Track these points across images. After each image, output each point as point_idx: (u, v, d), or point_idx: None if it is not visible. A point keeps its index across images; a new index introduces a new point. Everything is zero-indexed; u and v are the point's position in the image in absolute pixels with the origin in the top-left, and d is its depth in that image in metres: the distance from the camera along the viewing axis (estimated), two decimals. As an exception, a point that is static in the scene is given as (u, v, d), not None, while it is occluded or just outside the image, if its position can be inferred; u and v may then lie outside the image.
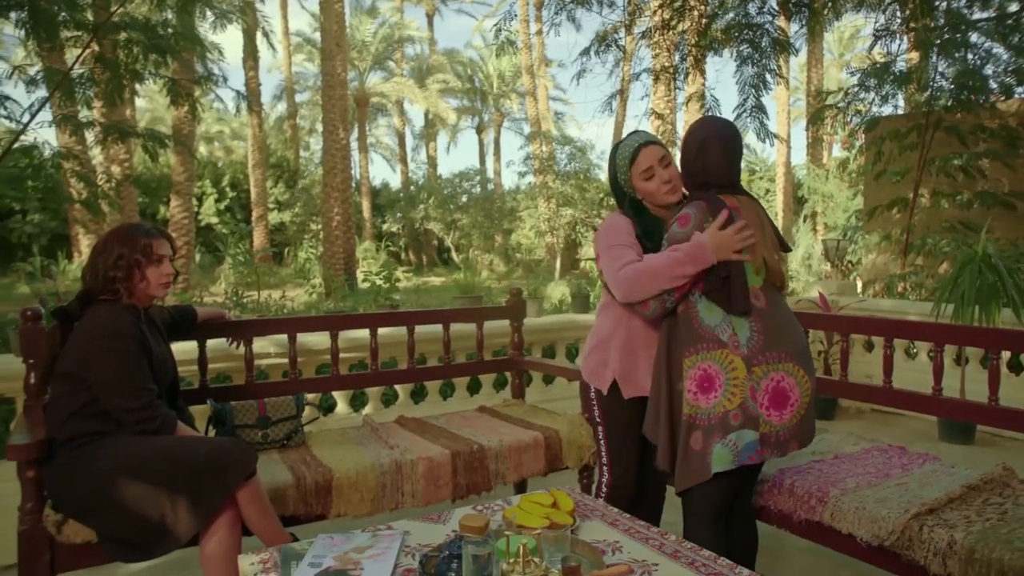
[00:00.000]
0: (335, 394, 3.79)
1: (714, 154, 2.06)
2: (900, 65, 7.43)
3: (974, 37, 6.73)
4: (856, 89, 7.48)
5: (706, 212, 2.00)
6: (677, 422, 2.04)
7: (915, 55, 7.62)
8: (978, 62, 6.69)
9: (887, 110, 7.82)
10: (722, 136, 2.08)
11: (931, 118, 6.91)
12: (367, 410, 3.75)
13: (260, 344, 3.29)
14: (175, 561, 2.78)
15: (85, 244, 14.10)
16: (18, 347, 2.63)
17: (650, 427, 2.18)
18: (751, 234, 1.99)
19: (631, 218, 2.23)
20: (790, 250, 2.19)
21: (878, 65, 7.20)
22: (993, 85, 6.80)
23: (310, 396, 3.26)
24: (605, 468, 2.40)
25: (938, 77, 6.87)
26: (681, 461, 2.02)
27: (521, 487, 3.00)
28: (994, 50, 6.76)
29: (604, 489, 2.39)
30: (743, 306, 1.98)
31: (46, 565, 2.07)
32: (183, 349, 2.85)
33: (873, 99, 7.46)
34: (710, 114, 2.46)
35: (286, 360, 3.15)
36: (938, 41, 6.64)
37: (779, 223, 16.84)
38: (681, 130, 11.31)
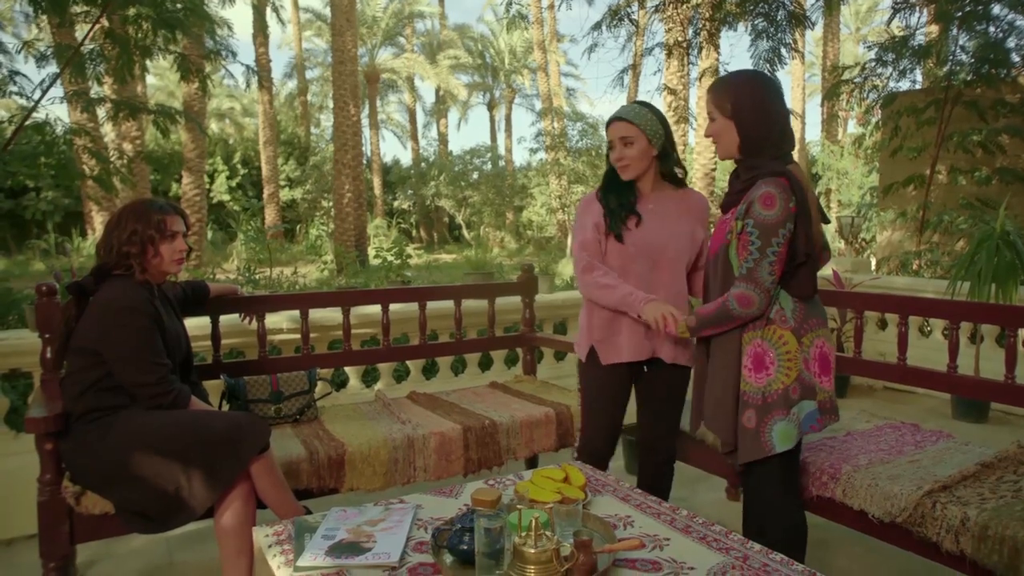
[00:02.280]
0: (347, 370, 3.81)
1: (784, 115, 1.97)
2: (919, 39, 7.30)
3: (996, 9, 6.58)
4: (873, 64, 7.36)
5: (790, 193, 1.88)
6: (734, 397, 1.98)
7: (935, 28, 7.47)
8: (1000, 35, 6.56)
9: (904, 85, 7.70)
10: (780, 93, 1.98)
11: (950, 93, 6.79)
12: (379, 386, 3.77)
13: (273, 320, 3.30)
14: (191, 533, 2.83)
15: (99, 221, 14.17)
16: (34, 322, 2.65)
17: (695, 413, 2.15)
18: (669, 325, 2.09)
19: (603, 185, 2.36)
20: (828, 222, 2.13)
21: (896, 39, 7.07)
22: (1015, 58, 6.66)
23: (322, 371, 3.28)
24: (578, 432, 2.43)
25: (958, 50, 6.74)
26: (738, 438, 2.00)
27: (532, 462, 3.02)
28: (1017, 22, 6.62)
29: (576, 451, 2.43)
30: (811, 291, 1.96)
31: (65, 535, 2.11)
32: (196, 325, 2.86)
33: (891, 74, 7.34)
34: (748, 70, 2.28)
35: (298, 336, 3.17)
36: (959, 13, 6.50)
37: (793, 200, 16.69)
38: (695, 106, 11.18)
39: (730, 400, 1.97)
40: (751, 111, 1.93)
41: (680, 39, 8.30)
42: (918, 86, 7.91)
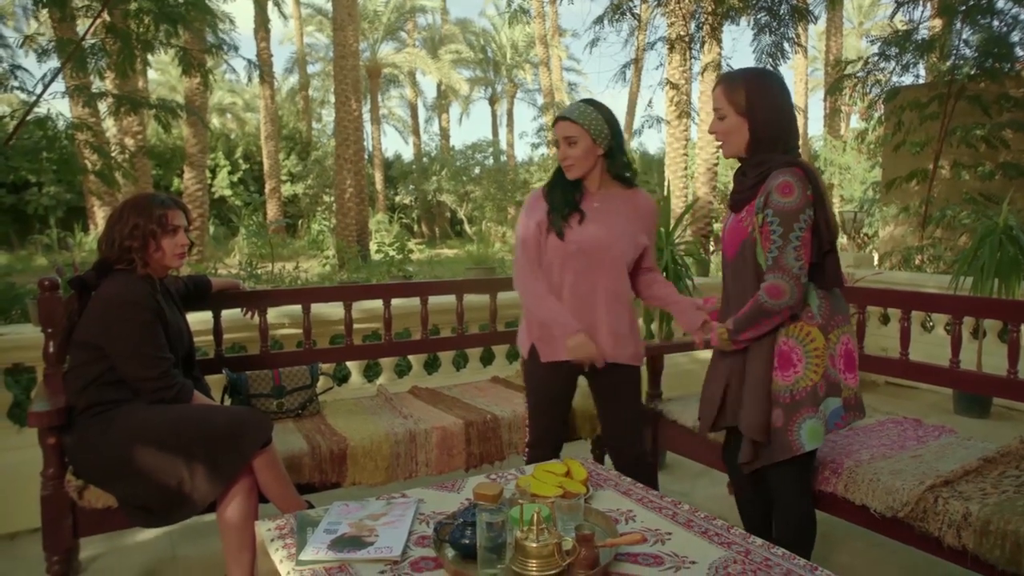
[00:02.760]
0: (349, 364, 3.81)
1: (792, 112, 1.97)
2: (922, 33, 7.27)
3: (1000, 2, 6.57)
4: (876, 58, 7.34)
5: (806, 181, 1.87)
6: (767, 396, 1.96)
7: (938, 22, 7.44)
8: (1004, 28, 6.53)
9: (908, 79, 7.68)
10: (788, 90, 1.99)
11: (953, 87, 6.76)
12: (381, 380, 3.77)
13: (274, 315, 3.30)
14: (194, 527, 2.83)
15: (101, 216, 14.17)
16: (36, 316, 2.66)
17: (706, 413, 2.13)
18: (585, 358, 2.20)
19: (550, 182, 2.34)
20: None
21: (899, 33, 7.04)
22: (1019, 52, 6.64)
23: (324, 366, 3.28)
24: (527, 428, 2.43)
25: (962, 45, 6.71)
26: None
27: (534, 457, 3.01)
28: (1021, 16, 6.59)
29: (526, 450, 2.43)
30: (839, 280, 1.95)
31: (69, 529, 2.11)
32: (198, 319, 2.86)
33: (894, 68, 7.32)
34: (750, 67, 2.24)
35: (300, 330, 3.17)
36: (962, 7, 6.47)
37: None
38: (697, 101, 11.16)
39: (763, 399, 1.95)
40: (765, 110, 1.92)
41: (682, 33, 8.27)
42: (921, 81, 7.89)
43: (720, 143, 2.04)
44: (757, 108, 1.92)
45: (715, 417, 2.10)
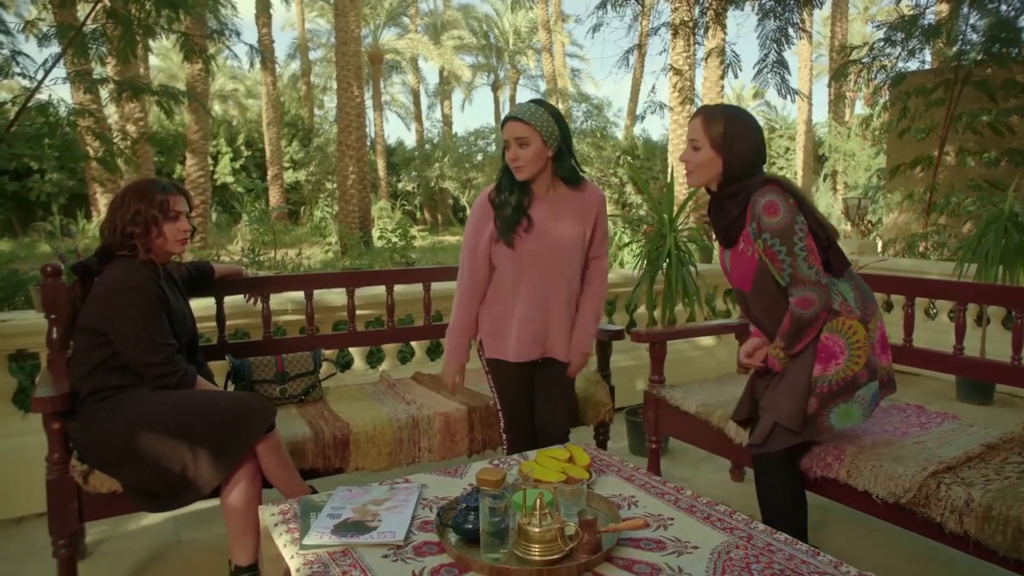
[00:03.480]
0: (352, 351, 3.82)
1: (764, 153, 2.08)
2: (929, 18, 7.20)
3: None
4: (882, 43, 7.27)
5: (785, 192, 1.98)
6: (806, 388, 2.04)
7: (944, 7, 7.37)
8: (1012, 13, 6.46)
9: (913, 65, 7.62)
10: (762, 130, 2.12)
11: (959, 73, 6.71)
12: (384, 366, 3.77)
13: (277, 301, 3.31)
14: (198, 512, 2.85)
15: (103, 203, 14.15)
16: (39, 303, 2.66)
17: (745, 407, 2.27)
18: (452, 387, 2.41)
19: (498, 174, 2.34)
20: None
21: (905, 18, 6.97)
22: (1027, 37, 6.57)
23: (327, 352, 3.29)
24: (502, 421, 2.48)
25: (968, 30, 6.65)
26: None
27: (537, 443, 3.02)
28: (1029, 0, 6.53)
29: (505, 444, 2.47)
30: (845, 262, 2.04)
31: (74, 513, 2.12)
32: (201, 305, 2.87)
33: (899, 54, 7.25)
34: (728, 104, 2.34)
35: (303, 317, 3.17)
36: (970, -8, 6.41)
37: (799, 182, 16.60)
38: (700, 87, 11.09)
39: (803, 390, 2.03)
40: (741, 149, 2.02)
41: (686, 18, 8.19)
42: (927, 66, 7.82)
43: (688, 171, 2.10)
44: (734, 145, 2.01)
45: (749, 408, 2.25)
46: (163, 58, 26.03)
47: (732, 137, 2.00)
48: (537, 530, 1.45)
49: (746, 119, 2.07)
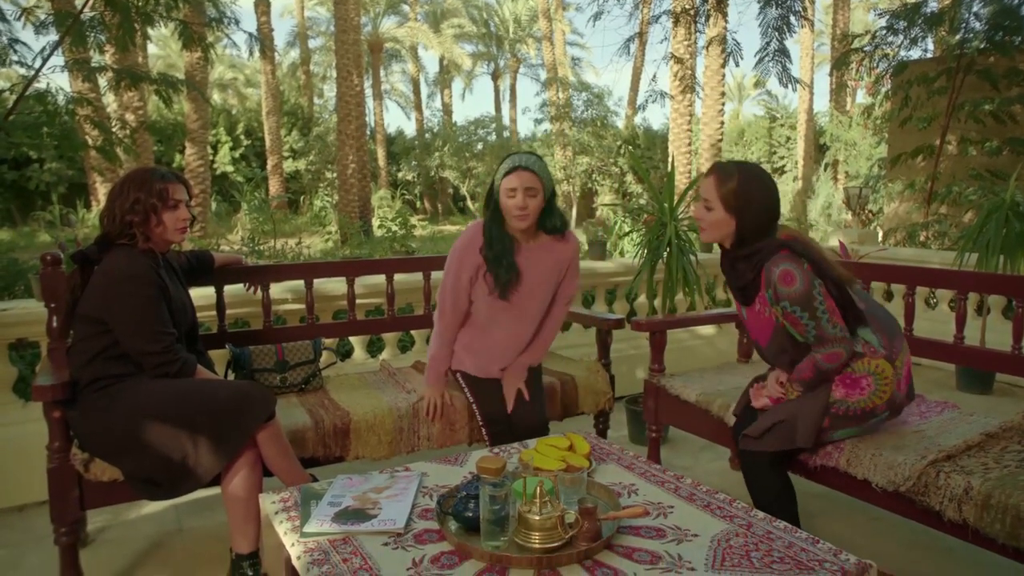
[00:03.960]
0: (352, 340, 3.82)
1: (777, 211, 2.08)
2: (931, 6, 7.16)
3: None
4: (884, 32, 7.23)
5: (799, 258, 1.99)
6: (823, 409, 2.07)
7: (948, -6, 7.32)
8: (1015, 1, 6.42)
9: (916, 54, 7.57)
10: (776, 188, 2.11)
11: (962, 61, 6.67)
12: (384, 355, 3.78)
13: (277, 290, 3.30)
14: (199, 500, 2.86)
15: (103, 192, 14.09)
16: (39, 291, 2.66)
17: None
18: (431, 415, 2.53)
19: (486, 223, 2.43)
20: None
21: (908, 6, 6.93)
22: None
23: (327, 341, 3.29)
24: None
25: (971, 18, 6.60)
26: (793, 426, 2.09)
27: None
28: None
29: (486, 437, 2.54)
30: (860, 319, 2.06)
31: (75, 501, 2.13)
32: (201, 295, 2.87)
33: (902, 42, 7.21)
34: (743, 162, 2.37)
35: (303, 306, 3.17)
36: (973, -21, 6.37)
37: (799, 171, 16.55)
38: (701, 75, 11.04)
39: (821, 412, 2.06)
40: (754, 210, 2.02)
41: (687, 6, 8.14)
42: (930, 55, 7.78)
43: (701, 228, 2.12)
44: (747, 207, 2.01)
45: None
46: (162, 46, 25.90)
47: (745, 198, 2.01)
48: (537, 518, 1.45)
49: (760, 177, 2.06)
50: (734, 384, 2.79)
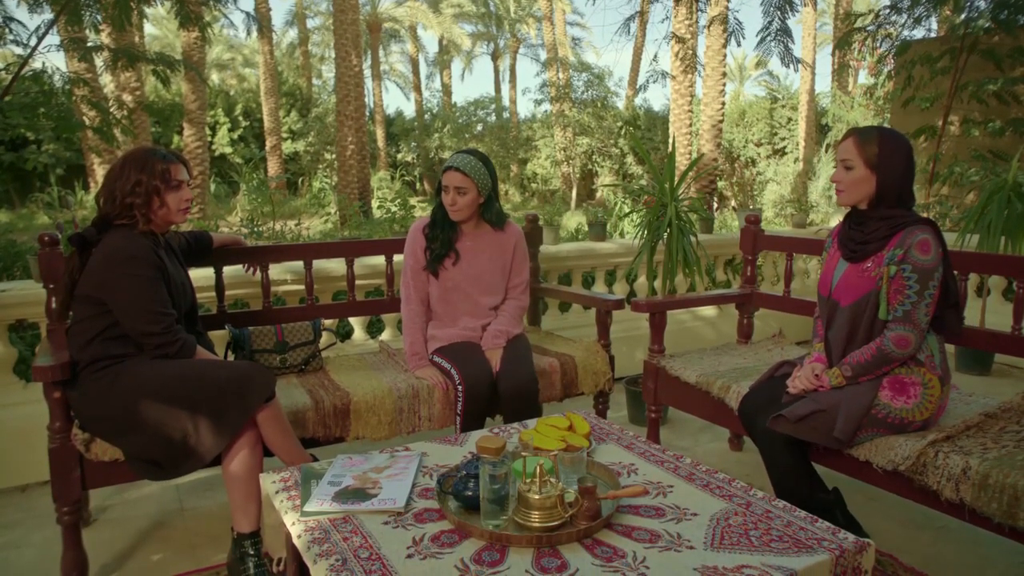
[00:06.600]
0: (352, 320, 3.82)
1: (914, 174, 2.10)
2: (936, -16, 7.07)
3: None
4: (887, 11, 7.16)
5: (939, 241, 2.02)
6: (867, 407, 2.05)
7: (953, -27, 7.24)
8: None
9: (919, 33, 7.51)
10: (913, 153, 2.13)
11: (966, 41, 6.61)
12: (384, 336, 3.78)
13: (276, 271, 3.30)
14: (200, 480, 2.88)
15: (101, 174, 14.04)
16: (38, 273, 2.65)
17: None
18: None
19: (435, 207, 2.72)
20: None
21: (912, -16, 6.86)
22: (1036, 4, 6.45)
23: (327, 322, 3.29)
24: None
25: (976, -4, 6.54)
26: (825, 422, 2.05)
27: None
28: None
29: (461, 396, 2.56)
30: (959, 333, 2.11)
31: (77, 481, 2.14)
32: (200, 275, 2.86)
33: (905, 21, 7.14)
34: (883, 126, 2.41)
35: (303, 287, 3.17)
36: (979, -44, 6.29)
37: (800, 153, 16.47)
38: (703, 55, 10.95)
39: (863, 408, 2.04)
40: (896, 168, 2.04)
41: (689, -15, 8.08)
42: (933, 34, 7.71)
43: (839, 190, 2.12)
44: (888, 165, 2.03)
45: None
46: (158, 25, 25.66)
47: (886, 157, 2.03)
48: (537, 497, 1.45)
49: (901, 141, 2.08)
50: (734, 365, 2.79)
